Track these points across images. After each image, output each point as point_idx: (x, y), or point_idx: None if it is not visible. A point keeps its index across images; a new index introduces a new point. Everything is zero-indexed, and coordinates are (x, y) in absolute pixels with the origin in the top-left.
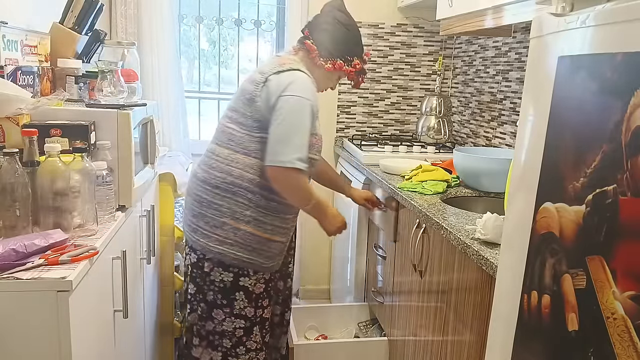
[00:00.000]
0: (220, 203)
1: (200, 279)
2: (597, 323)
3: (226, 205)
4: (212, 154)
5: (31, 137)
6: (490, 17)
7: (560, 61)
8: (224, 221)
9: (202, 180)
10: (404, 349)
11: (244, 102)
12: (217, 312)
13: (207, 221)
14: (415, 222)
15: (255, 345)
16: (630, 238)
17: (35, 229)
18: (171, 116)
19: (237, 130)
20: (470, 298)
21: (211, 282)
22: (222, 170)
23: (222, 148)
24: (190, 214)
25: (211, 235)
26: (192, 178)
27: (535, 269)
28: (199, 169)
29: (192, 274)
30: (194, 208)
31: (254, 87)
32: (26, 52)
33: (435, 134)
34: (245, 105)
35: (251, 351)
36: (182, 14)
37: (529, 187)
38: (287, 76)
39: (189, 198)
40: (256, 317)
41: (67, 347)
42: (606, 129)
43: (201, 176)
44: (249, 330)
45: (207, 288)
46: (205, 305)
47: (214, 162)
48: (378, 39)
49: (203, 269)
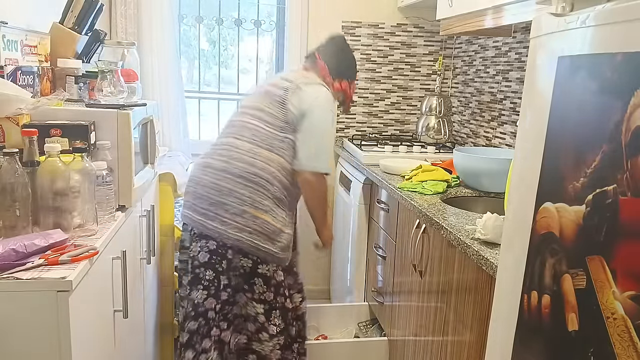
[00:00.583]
0: (242, 192)
1: (221, 265)
2: (597, 323)
3: (247, 194)
4: (232, 146)
5: (31, 137)
6: (490, 17)
7: (560, 61)
8: (244, 209)
9: (222, 170)
10: (404, 349)
11: (273, 104)
12: (241, 295)
13: (227, 209)
14: (415, 222)
15: (275, 329)
16: (630, 238)
17: (35, 229)
18: (171, 116)
19: (262, 128)
20: (470, 298)
21: (234, 267)
22: (245, 161)
23: (244, 142)
24: (207, 203)
25: (230, 222)
26: (206, 169)
27: (535, 269)
28: (215, 160)
29: (210, 260)
30: (211, 197)
31: (283, 92)
32: (26, 52)
33: (435, 134)
34: (274, 106)
35: (274, 337)
36: (182, 14)
37: (529, 187)
38: (317, 88)
39: (203, 188)
40: (276, 302)
41: (67, 347)
42: (606, 129)
43: (220, 166)
44: (268, 313)
45: (232, 273)
46: (231, 290)
47: (235, 153)
48: (378, 39)
49: (226, 256)
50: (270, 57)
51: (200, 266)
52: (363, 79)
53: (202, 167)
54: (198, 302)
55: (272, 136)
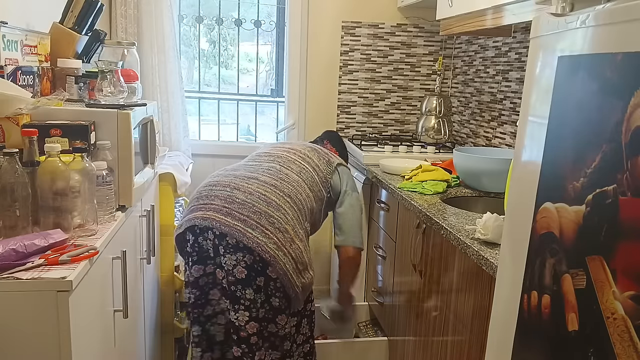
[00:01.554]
0: (287, 211)
1: (257, 281)
2: (597, 323)
3: (291, 215)
4: (279, 171)
5: (31, 137)
6: (490, 17)
7: (560, 61)
8: (286, 227)
9: (272, 185)
10: (404, 349)
11: (320, 160)
12: (281, 317)
13: (273, 222)
14: (415, 222)
15: (303, 338)
16: (630, 238)
17: (35, 229)
18: (171, 116)
19: (309, 171)
20: (470, 298)
21: (277, 288)
22: (294, 186)
23: (291, 172)
24: (249, 210)
25: (272, 237)
26: (251, 180)
27: (535, 269)
28: (262, 176)
29: (249, 277)
30: (255, 205)
31: (329, 156)
32: (26, 52)
33: (435, 134)
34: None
35: (300, 346)
36: (182, 14)
37: (529, 187)
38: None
39: (246, 195)
40: (305, 311)
41: (67, 347)
42: (606, 129)
43: (269, 181)
44: (298, 324)
45: (271, 293)
46: (271, 309)
47: (284, 176)
48: (378, 39)
49: (264, 272)
50: (270, 57)
51: (237, 283)
52: (363, 79)
53: (244, 179)
54: (240, 326)
55: (314, 182)
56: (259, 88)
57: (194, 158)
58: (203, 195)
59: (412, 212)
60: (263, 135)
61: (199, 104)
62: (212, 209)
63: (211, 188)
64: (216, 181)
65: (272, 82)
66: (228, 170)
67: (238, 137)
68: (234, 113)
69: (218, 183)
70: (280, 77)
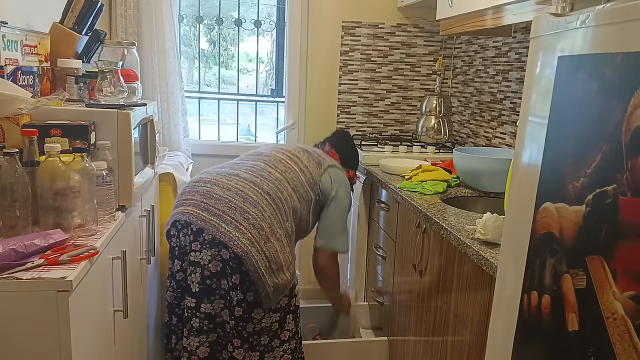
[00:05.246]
0: (265, 208)
1: (232, 278)
2: (597, 323)
3: (269, 213)
4: (261, 169)
5: (31, 137)
6: (490, 17)
7: (560, 61)
8: (262, 224)
9: (251, 182)
10: (404, 349)
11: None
12: (258, 311)
13: (247, 218)
14: (416, 222)
15: (289, 335)
16: (630, 238)
17: (35, 229)
18: (171, 116)
19: (295, 171)
20: (470, 298)
21: (252, 283)
22: (275, 185)
23: (275, 171)
24: (225, 205)
25: (246, 232)
26: (231, 176)
27: (535, 269)
28: (243, 172)
29: (225, 271)
30: (232, 200)
31: (321, 158)
32: (26, 52)
33: (435, 134)
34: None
35: (285, 342)
36: (182, 14)
37: (529, 187)
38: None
39: (224, 190)
40: (290, 306)
41: (67, 347)
42: (606, 129)
43: (249, 178)
44: (282, 320)
45: (247, 288)
46: (247, 306)
47: (266, 174)
48: (378, 39)
49: (239, 270)
50: (270, 57)
51: (212, 277)
52: (363, 79)
53: (225, 175)
54: (215, 313)
55: (300, 183)
56: (259, 88)
57: (194, 158)
58: (186, 191)
59: (412, 212)
60: (263, 135)
61: (199, 104)
62: (191, 204)
63: (194, 184)
64: (200, 177)
65: (272, 82)
66: (215, 167)
67: (238, 137)
68: (234, 113)
69: (201, 179)
70: (280, 77)
